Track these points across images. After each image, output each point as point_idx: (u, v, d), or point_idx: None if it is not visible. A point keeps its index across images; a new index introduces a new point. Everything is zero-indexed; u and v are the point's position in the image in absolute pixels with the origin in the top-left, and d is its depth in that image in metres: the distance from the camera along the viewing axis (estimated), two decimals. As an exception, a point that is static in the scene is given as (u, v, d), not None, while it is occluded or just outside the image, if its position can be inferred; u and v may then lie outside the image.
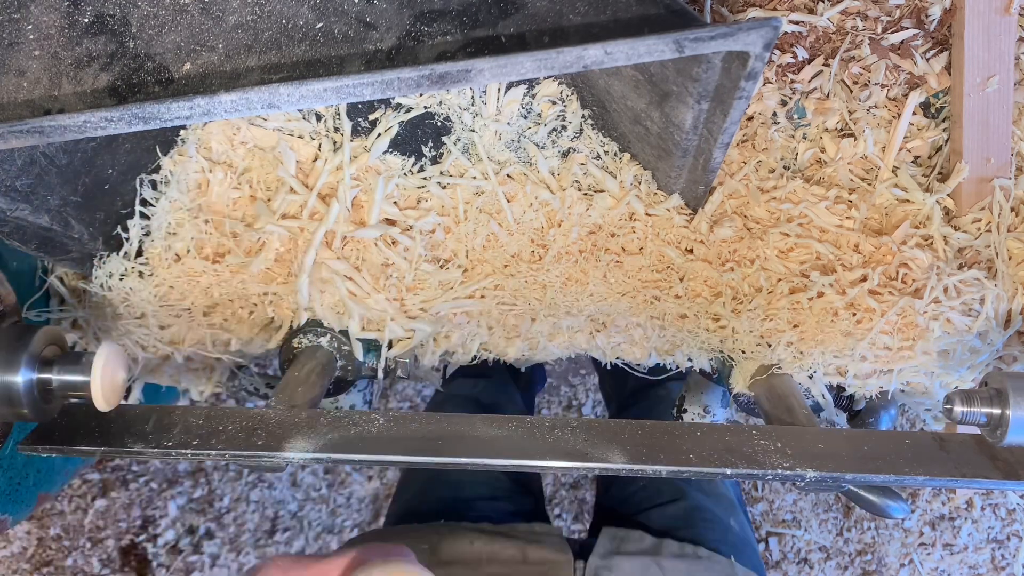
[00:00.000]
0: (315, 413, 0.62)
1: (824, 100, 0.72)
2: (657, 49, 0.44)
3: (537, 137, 0.71)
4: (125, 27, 0.51)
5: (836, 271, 0.69)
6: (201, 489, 1.83)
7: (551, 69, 0.45)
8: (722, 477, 0.58)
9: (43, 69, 0.50)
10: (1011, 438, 0.56)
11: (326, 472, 1.84)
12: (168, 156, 0.71)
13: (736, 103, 0.51)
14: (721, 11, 0.71)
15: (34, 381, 0.55)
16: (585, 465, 0.58)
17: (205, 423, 0.61)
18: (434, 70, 0.45)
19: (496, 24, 0.49)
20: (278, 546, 1.81)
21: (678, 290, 0.73)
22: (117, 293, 0.72)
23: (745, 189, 0.71)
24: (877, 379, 0.72)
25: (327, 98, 0.46)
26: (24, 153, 0.56)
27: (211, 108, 0.45)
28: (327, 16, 0.51)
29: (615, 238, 0.72)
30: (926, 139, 0.72)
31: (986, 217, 0.71)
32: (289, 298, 0.74)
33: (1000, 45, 0.69)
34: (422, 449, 0.58)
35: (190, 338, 0.77)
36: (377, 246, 0.71)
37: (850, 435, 0.61)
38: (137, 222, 0.70)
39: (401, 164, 0.71)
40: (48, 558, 1.78)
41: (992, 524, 1.83)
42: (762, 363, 0.73)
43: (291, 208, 0.71)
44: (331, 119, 0.71)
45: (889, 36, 0.72)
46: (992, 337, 0.70)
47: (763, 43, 0.45)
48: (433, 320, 0.75)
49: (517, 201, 0.71)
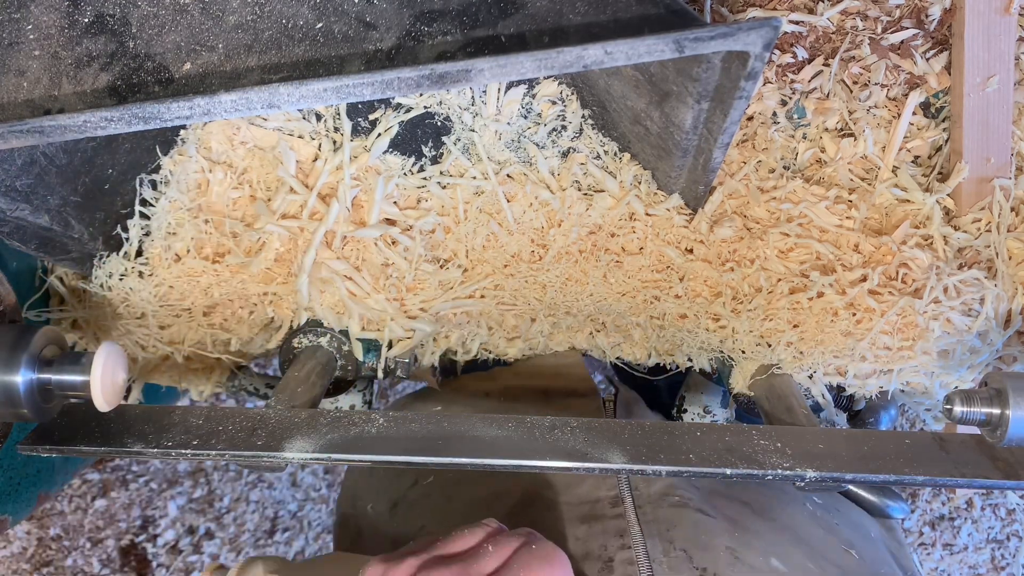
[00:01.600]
0: (315, 413, 0.62)
1: (824, 100, 0.72)
2: (657, 49, 0.44)
3: (537, 137, 0.71)
4: (125, 27, 0.51)
5: (836, 271, 0.69)
6: (201, 489, 1.83)
7: (551, 69, 0.45)
8: (722, 477, 0.58)
9: (43, 69, 0.50)
10: (1011, 438, 0.56)
11: (326, 472, 1.84)
12: (168, 156, 0.71)
13: (736, 103, 0.51)
14: (721, 11, 0.71)
15: (34, 381, 0.55)
16: (585, 465, 0.58)
17: (205, 423, 0.61)
18: (434, 70, 0.45)
19: (496, 24, 0.49)
20: (278, 546, 1.81)
21: (678, 290, 0.73)
22: (117, 293, 0.72)
23: (745, 189, 0.71)
24: (877, 379, 0.72)
25: (327, 98, 0.46)
26: (24, 153, 0.56)
27: (211, 108, 0.45)
28: (327, 16, 0.51)
29: (615, 238, 0.72)
30: (926, 139, 0.72)
31: (986, 217, 0.71)
32: (289, 298, 0.74)
33: (1000, 45, 0.69)
34: (422, 449, 0.58)
35: (190, 338, 0.77)
36: (377, 246, 0.71)
37: (850, 435, 0.61)
38: (137, 222, 0.70)
39: (401, 164, 0.71)
40: (48, 558, 1.78)
41: (992, 524, 1.83)
42: (762, 363, 0.73)
43: (291, 208, 0.71)
44: (331, 119, 0.71)
45: (889, 36, 0.72)
46: (992, 337, 0.70)
47: (763, 43, 0.45)
48: (433, 320, 0.75)
49: (517, 201, 0.71)
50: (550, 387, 0.86)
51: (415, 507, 0.75)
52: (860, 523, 0.75)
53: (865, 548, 0.70)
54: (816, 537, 0.66)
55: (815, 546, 0.64)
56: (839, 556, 0.65)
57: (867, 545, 0.71)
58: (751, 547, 0.60)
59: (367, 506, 0.81)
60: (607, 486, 0.66)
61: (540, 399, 0.86)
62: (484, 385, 0.91)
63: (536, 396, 0.86)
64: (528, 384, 0.88)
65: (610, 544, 0.59)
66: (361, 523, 0.81)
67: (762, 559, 0.59)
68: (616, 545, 0.59)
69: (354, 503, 0.85)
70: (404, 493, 0.77)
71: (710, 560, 0.57)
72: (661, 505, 0.64)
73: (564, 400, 0.85)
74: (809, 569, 0.60)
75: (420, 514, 0.73)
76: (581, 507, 0.64)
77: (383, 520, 0.77)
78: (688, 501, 0.64)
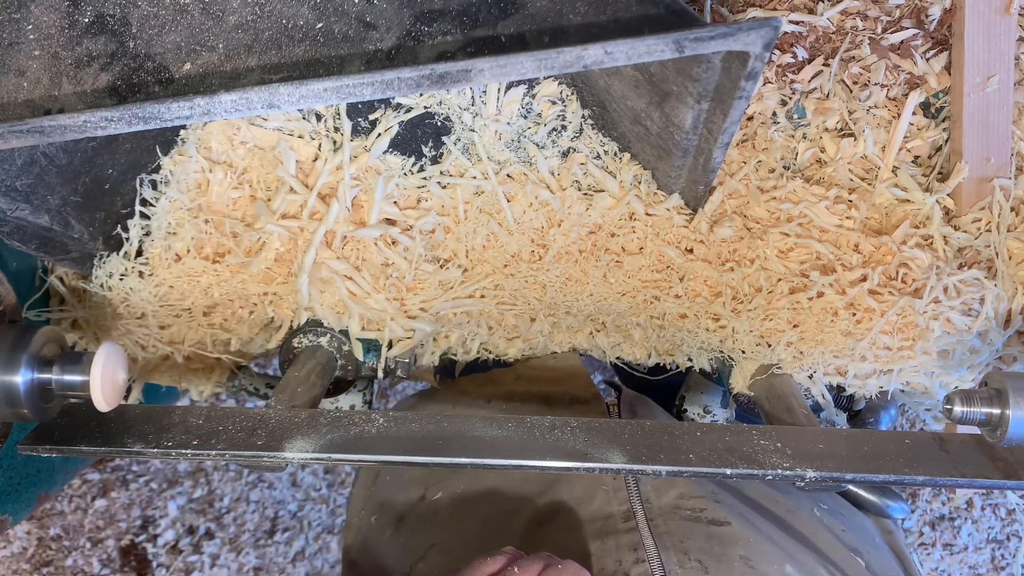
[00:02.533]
0: (315, 413, 0.62)
1: (824, 100, 0.72)
2: (657, 49, 0.44)
3: (537, 137, 0.71)
4: (125, 27, 0.51)
5: (836, 271, 0.69)
6: (201, 489, 1.83)
7: (551, 69, 0.45)
8: (722, 477, 0.58)
9: (43, 69, 0.50)
10: (1011, 438, 0.56)
11: (326, 472, 1.84)
12: (168, 156, 0.71)
13: (736, 103, 0.51)
14: (721, 11, 0.71)
15: (34, 381, 0.55)
16: (585, 465, 0.58)
17: (205, 423, 0.61)
18: (434, 70, 0.45)
19: (496, 24, 0.49)
20: (278, 546, 1.81)
21: (678, 290, 0.73)
22: (117, 293, 0.72)
23: (745, 189, 0.71)
24: (877, 379, 0.72)
25: (327, 98, 0.46)
26: (24, 153, 0.56)
27: (211, 108, 0.45)
28: (327, 16, 0.51)
29: (615, 238, 0.72)
30: (926, 139, 0.72)
31: (986, 217, 0.71)
32: (289, 298, 0.74)
33: (1000, 45, 0.69)
34: (422, 449, 0.58)
35: (190, 338, 0.77)
36: (377, 246, 0.72)
37: (850, 435, 0.61)
38: (137, 222, 0.70)
39: (401, 164, 0.72)
40: (48, 558, 1.78)
41: (992, 524, 1.83)
42: (762, 363, 0.73)
43: (291, 208, 0.71)
44: (331, 119, 0.71)
45: (889, 36, 0.72)
46: (992, 337, 0.70)
47: (763, 43, 0.45)
48: (433, 320, 0.75)
49: (517, 201, 0.71)
50: (552, 393, 0.87)
51: (423, 523, 0.74)
52: (864, 527, 0.76)
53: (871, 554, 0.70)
54: (827, 543, 0.66)
55: (826, 552, 0.64)
56: (848, 562, 0.65)
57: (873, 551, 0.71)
58: (766, 556, 0.60)
59: (371, 517, 0.81)
60: (618, 500, 0.66)
61: (542, 405, 0.86)
62: (485, 389, 0.91)
63: (538, 402, 0.86)
64: (530, 390, 0.88)
65: (625, 559, 0.59)
66: (367, 535, 0.81)
67: (776, 568, 0.59)
68: (631, 560, 0.59)
69: (359, 512, 0.85)
70: (412, 507, 0.76)
71: (725, 571, 0.57)
72: (673, 517, 0.64)
73: (567, 407, 0.85)
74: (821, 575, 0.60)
75: (429, 531, 0.73)
76: (594, 524, 0.64)
77: (388, 534, 0.77)
78: (701, 513, 0.64)
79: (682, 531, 0.62)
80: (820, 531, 0.68)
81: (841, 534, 0.70)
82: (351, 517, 0.88)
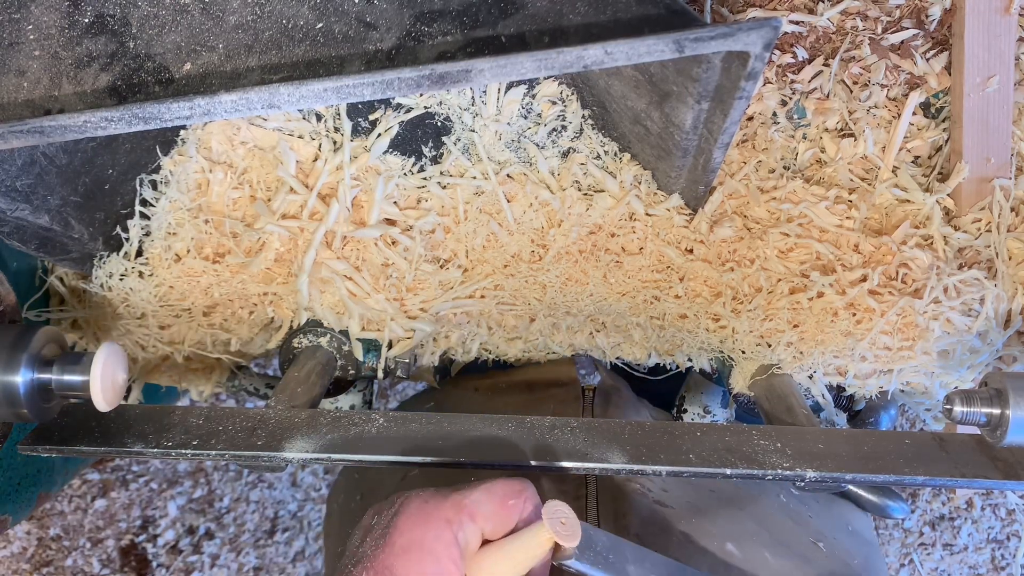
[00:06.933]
0: (315, 413, 0.62)
1: (824, 100, 0.72)
2: (657, 49, 0.44)
3: (537, 137, 0.71)
4: (125, 27, 0.51)
5: (836, 271, 0.69)
6: (201, 489, 1.83)
7: (551, 69, 0.45)
8: (722, 477, 0.58)
9: (43, 69, 0.50)
10: (1011, 438, 0.56)
11: (326, 472, 1.84)
12: (168, 156, 0.71)
13: (736, 103, 0.51)
14: (721, 11, 0.71)
15: (34, 381, 0.55)
16: (585, 465, 0.58)
17: (205, 423, 0.61)
18: (434, 70, 0.45)
19: (496, 24, 0.49)
20: (278, 546, 1.81)
21: (678, 290, 0.73)
22: (117, 293, 0.72)
23: (745, 189, 0.71)
24: (877, 379, 0.72)
25: (327, 98, 0.46)
26: (24, 153, 0.56)
27: (211, 108, 0.46)
28: (327, 16, 0.51)
29: (615, 238, 0.72)
30: (926, 139, 0.72)
31: (986, 217, 0.71)
32: (289, 298, 0.74)
33: (1000, 45, 0.69)
34: (422, 449, 0.58)
35: (190, 338, 0.77)
36: (377, 246, 0.72)
37: (850, 435, 0.61)
38: (137, 222, 0.70)
39: (401, 164, 0.72)
40: (48, 558, 1.78)
41: (992, 524, 1.83)
42: (762, 363, 0.73)
43: (291, 208, 0.71)
44: (331, 119, 0.71)
45: (889, 36, 0.72)
46: (992, 337, 0.70)
47: (763, 43, 0.45)
48: (433, 320, 0.75)
49: (517, 201, 0.71)
50: (534, 379, 0.89)
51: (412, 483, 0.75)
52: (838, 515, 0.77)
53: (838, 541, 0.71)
54: (782, 527, 0.67)
55: (778, 535, 0.65)
56: (804, 547, 0.66)
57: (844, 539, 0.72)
58: (707, 532, 0.62)
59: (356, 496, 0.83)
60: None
61: (524, 390, 0.88)
62: (475, 382, 0.93)
63: (521, 387, 0.89)
64: (513, 379, 0.90)
65: None
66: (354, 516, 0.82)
67: (717, 543, 0.61)
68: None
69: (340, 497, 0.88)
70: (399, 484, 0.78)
71: (662, 544, 0.59)
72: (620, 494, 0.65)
73: (546, 390, 0.87)
74: (765, 557, 0.62)
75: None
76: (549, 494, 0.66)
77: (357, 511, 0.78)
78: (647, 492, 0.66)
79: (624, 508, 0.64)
80: (778, 516, 0.69)
81: (806, 520, 0.71)
82: (332, 506, 0.90)
